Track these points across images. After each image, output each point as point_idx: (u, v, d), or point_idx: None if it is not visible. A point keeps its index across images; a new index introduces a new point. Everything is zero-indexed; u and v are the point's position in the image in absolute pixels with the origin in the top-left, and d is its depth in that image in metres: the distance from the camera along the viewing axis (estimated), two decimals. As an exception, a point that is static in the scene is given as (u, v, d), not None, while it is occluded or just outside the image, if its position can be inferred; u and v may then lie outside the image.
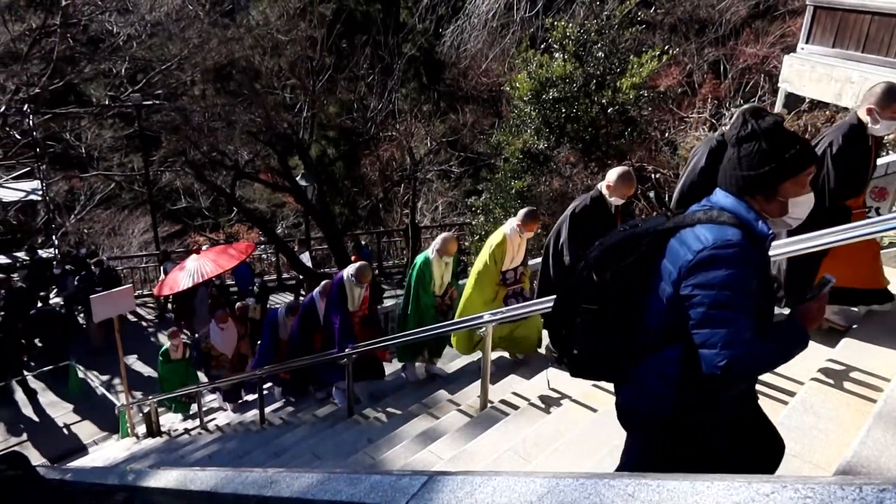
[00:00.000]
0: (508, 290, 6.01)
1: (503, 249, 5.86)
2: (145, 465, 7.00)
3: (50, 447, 10.16)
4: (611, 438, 3.55)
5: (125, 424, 10.11)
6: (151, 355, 12.98)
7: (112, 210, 23.93)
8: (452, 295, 6.55)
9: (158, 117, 18.18)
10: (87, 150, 23.93)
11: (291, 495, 2.32)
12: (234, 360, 9.52)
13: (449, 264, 6.36)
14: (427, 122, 20.94)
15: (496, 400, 5.03)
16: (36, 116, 17.25)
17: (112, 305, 9.06)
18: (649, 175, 10.87)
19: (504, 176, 12.16)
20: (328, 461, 5.20)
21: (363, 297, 6.65)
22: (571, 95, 11.47)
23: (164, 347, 9.91)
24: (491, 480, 1.74)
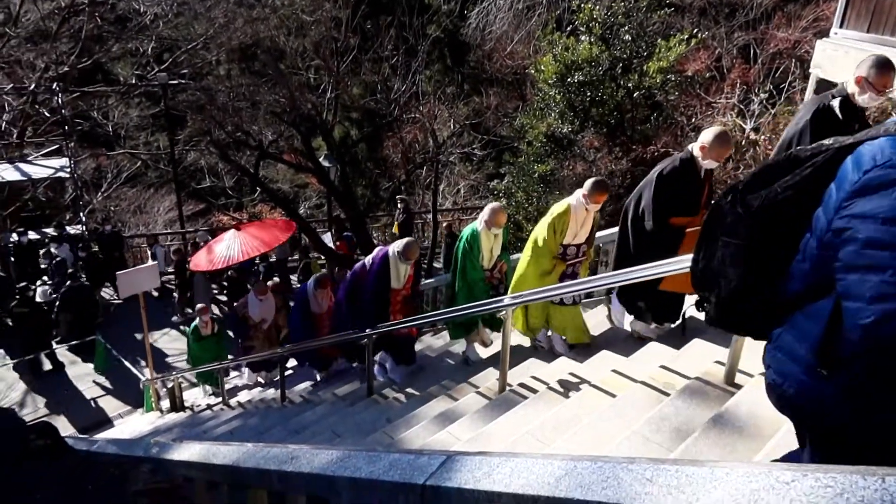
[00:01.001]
0: (567, 268, 5.68)
1: (565, 221, 5.50)
2: (169, 438, 7.14)
3: (77, 419, 10.41)
4: (629, 424, 3.55)
5: (149, 399, 10.31)
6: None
7: (138, 188, 24.26)
8: (502, 269, 6.32)
9: (184, 97, 18.32)
10: (114, 128, 24.21)
11: (311, 471, 2.36)
12: (269, 332, 9.57)
13: (498, 236, 6.14)
14: (450, 105, 20.84)
15: (515, 383, 5.04)
16: (64, 94, 17.45)
17: (137, 282, 9.21)
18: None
19: (527, 160, 12.09)
20: (347, 439, 5.26)
21: (408, 275, 6.50)
22: (597, 79, 11.34)
23: (193, 324, 10.01)
24: (509, 461, 1.76)
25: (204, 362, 9.74)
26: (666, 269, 3.68)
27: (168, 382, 10.16)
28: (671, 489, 1.34)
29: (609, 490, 1.43)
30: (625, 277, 4.20)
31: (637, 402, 3.86)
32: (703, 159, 4.55)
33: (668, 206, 4.62)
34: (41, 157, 18.82)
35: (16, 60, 19.67)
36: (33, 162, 18.13)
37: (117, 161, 24.15)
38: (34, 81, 18.53)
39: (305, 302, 8.40)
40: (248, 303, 9.49)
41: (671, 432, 3.32)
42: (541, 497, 1.54)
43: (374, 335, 6.23)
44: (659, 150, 10.87)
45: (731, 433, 3.04)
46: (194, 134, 20.78)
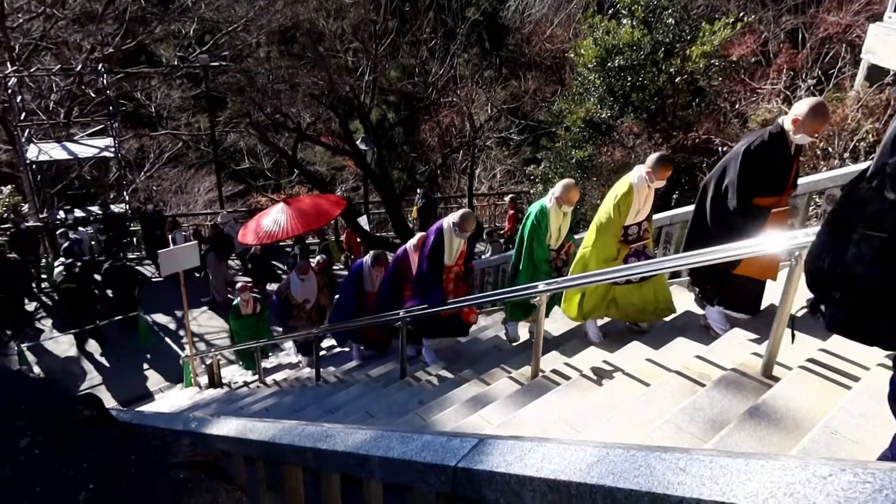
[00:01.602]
0: (630, 249, 5.36)
1: (629, 201, 5.17)
2: (207, 413, 7.33)
3: (119, 392, 10.75)
4: (662, 413, 3.53)
5: (189, 374, 10.58)
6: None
7: (179, 168, 24.75)
8: (569, 249, 6.02)
9: (224, 78, 18.56)
10: (157, 109, 24.70)
11: (345, 450, 2.40)
12: (312, 312, 9.46)
13: (567, 215, 5.82)
14: (488, 89, 20.72)
15: (548, 369, 5.04)
16: (109, 75, 17.83)
17: (178, 261, 9.41)
18: (716, 148, 10.50)
19: (564, 145, 11.96)
20: (380, 419, 5.33)
21: (461, 251, 6.31)
22: (638, 63, 11.14)
23: (234, 303, 10.06)
24: (541, 446, 1.76)
25: (244, 341, 9.83)
26: (742, 251, 3.58)
27: (207, 359, 10.39)
28: (704, 480, 1.34)
29: (641, 478, 1.43)
30: (693, 260, 3.95)
31: (671, 392, 3.83)
32: (795, 134, 4.15)
33: (753, 184, 4.27)
34: (87, 137, 19.32)
35: (63, 42, 20.17)
36: (79, 142, 18.61)
37: (159, 142, 24.66)
38: (80, 62, 18.98)
39: (359, 279, 8.15)
40: (291, 283, 9.34)
41: (705, 423, 3.29)
42: (572, 483, 1.55)
43: (407, 317, 6.27)
44: (700, 137, 10.64)
45: (767, 426, 3.00)
46: (234, 115, 21.08)
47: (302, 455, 2.68)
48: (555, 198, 5.63)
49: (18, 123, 16.58)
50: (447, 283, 6.30)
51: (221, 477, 1.99)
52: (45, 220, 15.90)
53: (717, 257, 3.77)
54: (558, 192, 5.60)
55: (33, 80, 19.29)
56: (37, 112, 19.69)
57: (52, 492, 1.73)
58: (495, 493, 1.78)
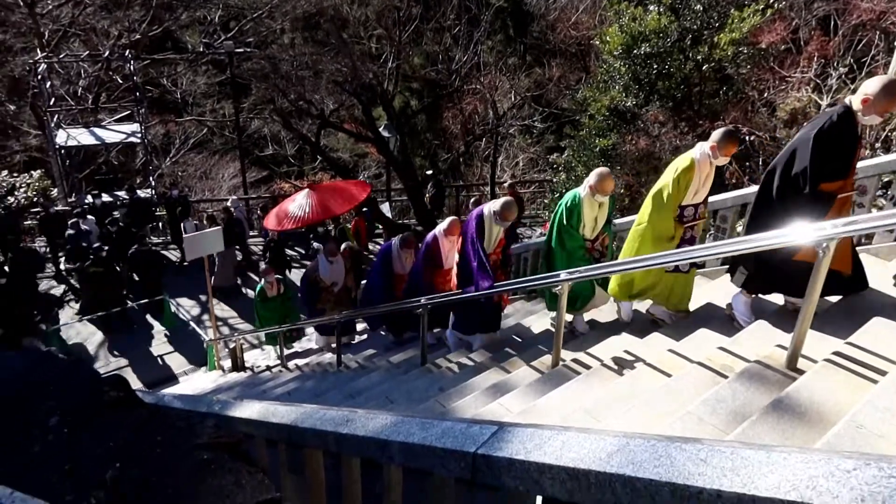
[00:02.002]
0: (685, 232, 5.09)
1: (689, 177, 4.89)
2: (230, 396, 7.44)
3: (145, 374, 10.94)
4: (684, 405, 3.51)
5: (212, 358, 10.73)
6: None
7: (204, 154, 25.00)
8: (604, 241, 5.80)
9: (249, 65, 18.66)
10: (183, 95, 24.94)
11: (366, 434, 2.42)
12: (340, 295, 9.45)
13: (604, 205, 5.57)
14: (512, 76, 20.59)
15: (568, 359, 5.03)
16: (136, 62, 18.02)
17: (202, 245, 9.53)
18: (744, 137, 10.34)
19: (588, 133, 11.86)
20: (401, 405, 5.36)
21: (500, 239, 6.18)
22: (664, 51, 10.98)
23: (259, 286, 10.12)
24: (560, 435, 1.77)
25: (270, 324, 9.84)
26: (768, 242, 3.54)
27: (230, 343, 10.52)
28: (725, 471, 1.33)
29: (661, 468, 1.43)
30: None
31: (693, 383, 3.80)
32: (865, 114, 3.94)
33: (823, 168, 4.04)
34: (114, 123, 19.57)
35: (91, 28, 20.42)
36: (107, 127, 18.86)
37: (185, 127, 24.91)
38: (108, 49, 19.21)
39: (388, 261, 8.09)
40: (319, 265, 9.29)
41: (727, 415, 3.26)
42: (592, 471, 1.55)
43: (429, 305, 6.29)
44: (727, 126, 10.48)
45: (790, 419, 2.97)
46: (258, 102, 21.21)
47: (323, 439, 2.72)
48: (588, 186, 5.42)
49: (48, 109, 16.85)
50: None
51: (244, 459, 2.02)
52: (73, 205, 16.16)
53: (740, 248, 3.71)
54: (592, 180, 5.38)
55: (62, 66, 19.56)
56: (65, 98, 19.98)
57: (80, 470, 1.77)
58: (514, 480, 1.78)
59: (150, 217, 16.42)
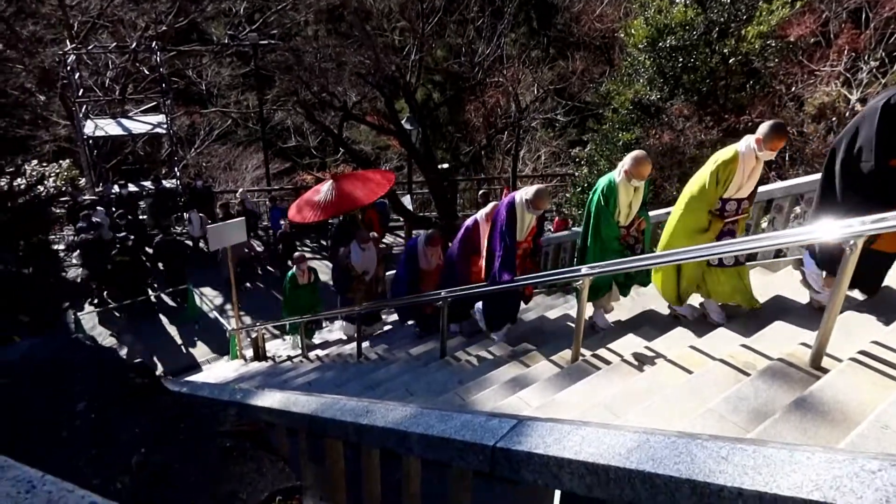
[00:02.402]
0: (724, 226, 4.86)
1: (731, 169, 4.70)
2: (252, 385, 7.52)
3: (169, 362, 11.12)
4: (705, 402, 3.48)
5: (235, 347, 10.86)
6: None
7: (228, 146, 25.24)
8: (640, 226, 5.60)
9: (273, 57, 18.76)
10: (207, 87, 25.14)
11: (386, 425, 2.44)
12: (370, 285, 9.37)
13: (639, 190, 5.36)
14: (535, 69, 20.47)
15: (588, 354, 5.01)
16: (162, 53, 18.20)
17: (226, 236, 9.62)
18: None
19: (612, 127, 11.77)
20: (420, 397, 5.38)
21: (531, 227, 6.05)
22: (690, 44, 10.84)
23: (290, 272, 10.05)
24: (580, 430, 1.76)
25: (299, 312, 9.80)
26: (791, 239, 3.44)
27: (252, 333, 10.63)
28: (747, 469, 1.32)
29: (681, 465, 1.42)
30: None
31: (714, 380, 3.77)
32: None
33: (890, 143, 3.86)
34: (140, 114, 19.81)
35: (119, 20, 20.67)
36: (133, 118, 19.11)
37: (209, 119, 25.14)
38: (135, 40, 19.42)
39: (414, 256, 8.02)
40: (351, 252, 9.15)
41: (749, 413, 3.23)
42: (611, 467, 1.55)
43: (449, 298, 6.29)
44: (753, 121, 10.32)
45: (814, 418, 2.93)
46: (282, 94, 21.32)
47: (343, 429, 2.74)
48: (624, 171, 5.20)
49: (76, 99, 17.09)
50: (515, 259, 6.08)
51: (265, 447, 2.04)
52: (100, 194, 16.41)
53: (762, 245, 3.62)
54: (627, 164, 5.15)
55: (90, 57, 19.83)
56: (93, 89, 20.27)
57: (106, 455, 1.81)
58: (533, 474, 1.79)
59: (175, 207, 16.62)
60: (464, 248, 6.92)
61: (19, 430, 1.88)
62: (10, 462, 1.05)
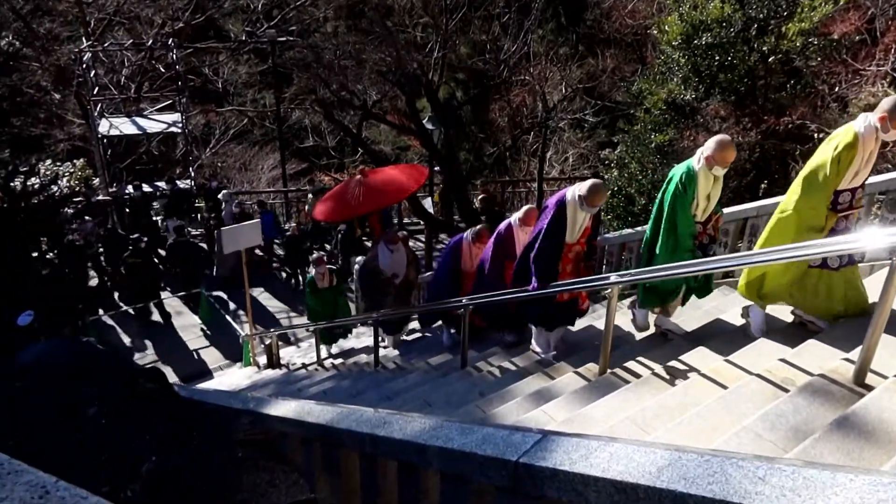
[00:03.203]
0: (837, 222, 4.37)
1: (852, 155, 4.15)
2: (265, 393, 7.58)
3: (180, 368, 11.25)
4: (741, 418, 3.43)
5: (248, 354, 10.95)
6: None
7: (244, 145, 25.54)
8: (717, 223, 5.20)
9: (291, 54, 18.95)
10: (224, 85, 25.48)
11: (403, 437, 2.44)
12: (400, 288, 8.96)
13: (719, 180, 4.92)
14: (563, 67, 20.41)
15: (616, 366, 4.97)
16: (179, 50, 18.48)
17: (240, 238, 9.72)
18: (811, 134, 10.05)
19: (643, 128, 11.69)
20: (439, 409, 5.38)
21: (585, 227, 5.67)
22: (727, 41, 10.74)
23: (309, 275, 9.80)
24: (608, 446, 1.75)
25: (321, 318, 9.55)
26: (832, 248, 3.41)
27: (266, 339, 10.71)
28: (785, 491, 1.30)
29: (715, 486, 1.40)
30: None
31: (751, 396, 3.72)
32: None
33: None
34: (156, 113, 20.12)
35: (135, 16, 21.01)
36: (148, 117, 19.41)
37: (225, 118, 25.46)
38: (151, 37, 19.74)
39: (458, 255, 7.58)
40: (379, 253, 8.72)
41: (788, 431, 3.18)
42: (640, 486, 1.53)
43: (470, 305, 6.28)
44: (794, 122, 10.21)
45: (857, 438, 2.88)
46: (300, 92, 21.53)
47: (359, 440, 2.74)
48: (704, 157, 4.74)
49: (92, 98, 17.41)
50: (565, 262, 5.74)
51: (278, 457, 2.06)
52: (114, 195, 16.68)
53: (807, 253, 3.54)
54: (710, 149, 4.68)
55: (106, 54, 20.19)
56: (109, 87, 20.62)
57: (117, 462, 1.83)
58: (558, 492, 1.77)
59: (191, 208, 16.83)
60: (497, 254, 6.73)
61: (31, 433, 1.91)
62: (25, 467, 1.07)
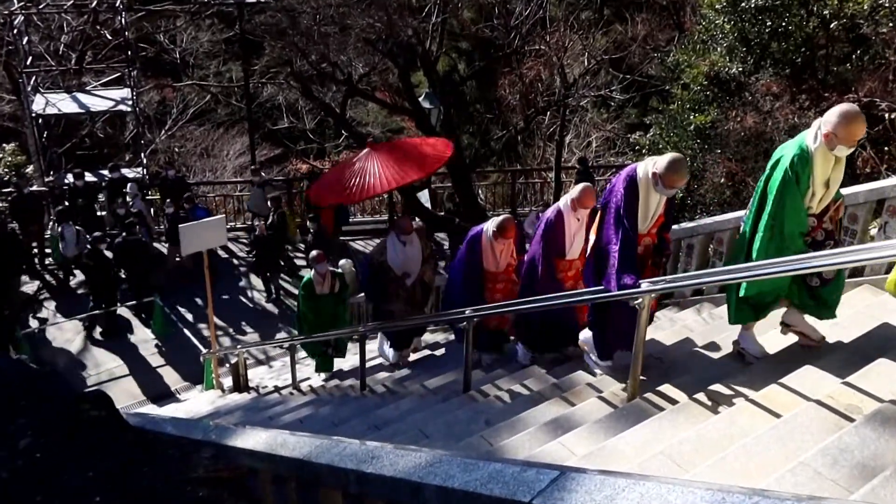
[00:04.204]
0: None
1: None
2: (231, 421, 7.59)
3: (131, 391, 11.28)
4: (797, 453, 3.44)
5: (210, 375, 10.94)
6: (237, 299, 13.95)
7: (206, 127, 25.51)
8: (836, 214, 4.83)
9: (262, 18, 18.92)
10: (182, 55, 25.48)
11: (395, 474, 2.44)
12: (413, 291, 8.53)
13: (840, 162, 4.53)
14: (585, 35, 20.41)
15: (649, 390, 4.97)
16: (128, 13, 18.47)
17: (202, 238, 9.71)
18: (881, 114, 10.06)
19: (681, 107, 11.72)
20: (437, 441, 5.38)
21: (658, 216, 5.37)
22: (781, 3, 10.77)
23: (305, 278, 9.42)
24: (638, 485, 1.75)
25: (317, 330, 9.13)
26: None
27: (232, 358, 10.69)
28: (850, 539, 1.30)
29: (766, 532, 1.41)
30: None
31: (808, 427, 3.72)
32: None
33: None
34: (101, 88, 20.12)
35: (77, -28, 21.01)
36: (92, 92, 19.41)
37: (184, 94, 25.44)
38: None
39: (477, 253, 7.26)
40: (388, 246, 8.34)
41: (853, 468, 3.18)
42: (677, 532, 1.53)
43: (474, 318, 6.29)
44: (861, 100, 10.22)
45: (935, 476, 2.89)
46: (272, 64, 21.50)
47: (343, 478, 2.75)
48: (824, 134, 4.36)
49: (24, 69, 17.41)
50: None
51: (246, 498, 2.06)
52: (51, 185, 16.67)
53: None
54: (832, 123, 4.28)
55: (42, 18, 20.19)
56: (45, 56, 20.62)
57: (54, 501, 1.83)
58: (578, 539, 1.78)
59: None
60: (546, 248, 6.41)
61: (-51, 470, 1.91)
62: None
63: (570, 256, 6.49)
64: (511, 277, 7.39)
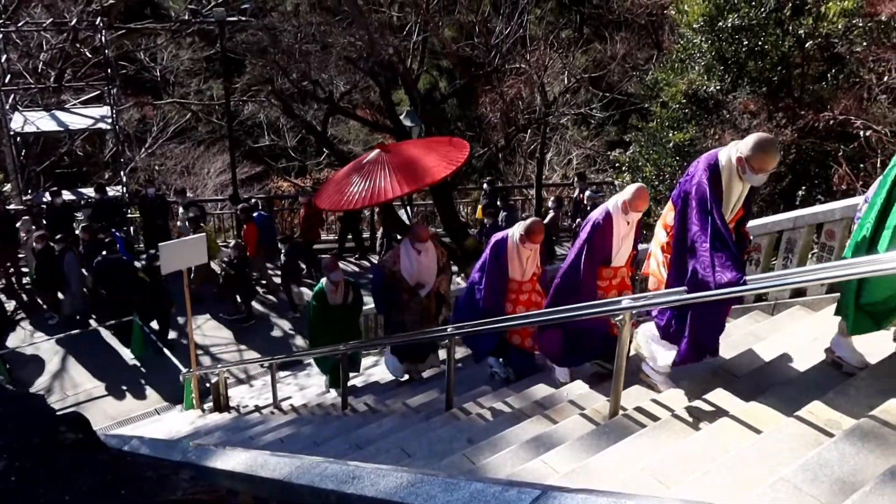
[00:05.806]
0: None
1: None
2: (211, 442, 7.51)
3: (109, 412, 11.14)
4: (777, 469, 3.45)
5: (190, 394, 10.85)
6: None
7: (186, 145, 25.44)
8: None
9: (243, 37, 18.93)
10: (162, 73, 25.41)
11: (376, 495, 2.43)
12: (428, 304, 8.20)
13: None
14: (565, 53, 20.57)
15: (630, 407, 4.98)
16: (108, 32, 18.42)
17: (182, 256, 9.64)
18: (856, 131, 10.18)
19: (660, 125, 11.81)
20: (419, 460, 5.36)
21: (738, 209, 4.96)
22: (758, 23, 10.91)
23: (318, 286, 8.98)
24: (620, 503, 1.75)
25: (327, 342, 8.65)
26: None
27: (212, 377, 10.61)
28: (830, 556, 1.31)
29: (747, 550, 1.41)
30: None
31: (788, 442, 3.75)
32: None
33: None
34: (80, 106, 20.01)
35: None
36: (71, 110, 19.28)
37: (164, 112, 25.38)
38: (75, 16, 19.69)
39: (502, 260, 6.77)
40: (401, 255, 7.96)
41: (833, 484, 3.20)
42: (658, 551, 1.53)
43: (455, 335, 6.28)
44: (836, 118, 10.34)
45: (914, 491, 2.90)
46: (254, 82, 21.51)
47: (323, 498, 2.73)
48: None
49: (2, 87, 17.28)
50: None
51: (226, 521, 2.03)
52: (28, 204, 16.53)
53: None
54: None
55: (20, 36, 20.09)
56: (24, 74, 20.51)
57: (29, 528, 1.80)
58: (560, 559, 1.77)
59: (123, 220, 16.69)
60: (591, 255, 5.89)
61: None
62: None
63: (616, 263, 6.04)
64: (536, 288, 6.94)
